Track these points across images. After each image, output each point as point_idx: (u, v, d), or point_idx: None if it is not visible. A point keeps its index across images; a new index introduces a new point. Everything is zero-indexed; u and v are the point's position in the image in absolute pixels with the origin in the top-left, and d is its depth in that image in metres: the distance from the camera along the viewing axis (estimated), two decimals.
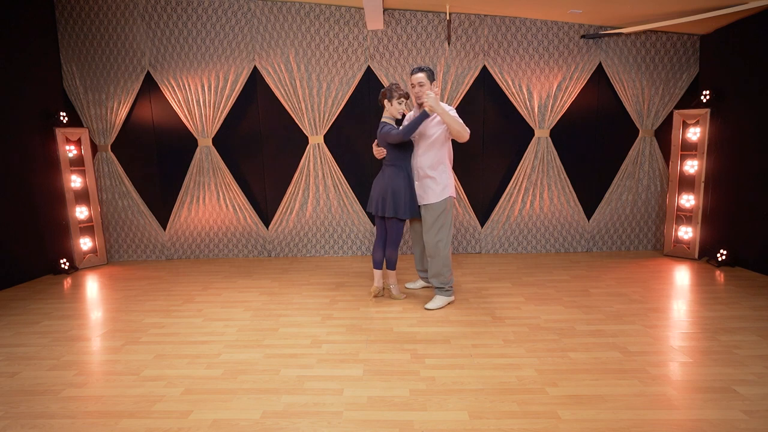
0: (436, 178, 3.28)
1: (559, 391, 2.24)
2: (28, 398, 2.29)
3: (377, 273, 3.63)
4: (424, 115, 3.09)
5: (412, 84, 3.27)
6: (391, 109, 3.33)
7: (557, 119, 4.93)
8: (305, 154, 5.05)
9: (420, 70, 3.22)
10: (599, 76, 4.89)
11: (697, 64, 4.80)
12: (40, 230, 4.55)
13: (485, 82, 4.91)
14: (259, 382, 2.39)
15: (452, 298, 3.47)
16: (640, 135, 4.95)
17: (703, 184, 4.56)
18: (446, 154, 3.31)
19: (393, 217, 3.36)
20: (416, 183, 3.37)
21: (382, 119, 3.38)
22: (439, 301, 3.41)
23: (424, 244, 3.44)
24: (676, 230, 4.80)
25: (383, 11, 4.68)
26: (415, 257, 3.81)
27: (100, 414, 2.13)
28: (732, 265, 4.35)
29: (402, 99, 3.30)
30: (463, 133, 3.10)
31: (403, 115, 3.43)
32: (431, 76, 3.23)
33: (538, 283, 4.02)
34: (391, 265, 3.57)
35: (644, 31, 4.72)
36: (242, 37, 4.87)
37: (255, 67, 4.93)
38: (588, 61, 4.82)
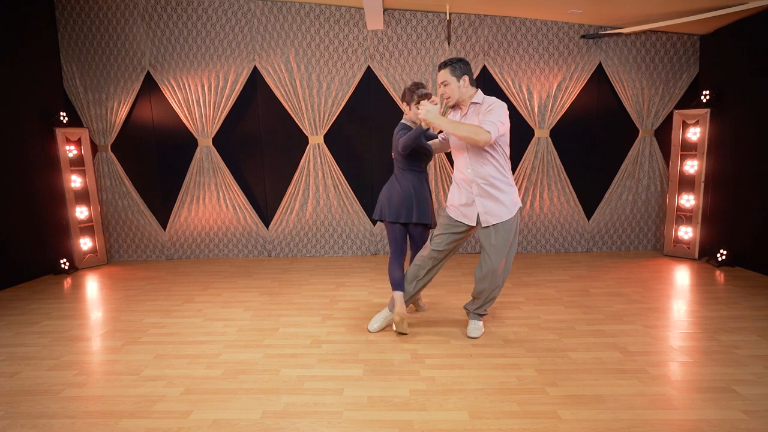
0: (502, 189, 2.65)
1: (559, 391, 2.24)
2: (28, 398, 2.29)
3: (398, 296, 2.92)
4: (419, 130, 2.70)
5: (438, 83, 2.73)
6: (410, 113, 2.91)
7: (557, 119, 4.93)
8: (305, 154, 5.05)
9: (444, 65, 2.63)
10: (599, 76, 4.89)
11: (697, 64, 4.80)
12: (40, 230, 4.55)
13: (485, 82, 4.91)
14: (259, 382, 2.39)
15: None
16: (640, 135, 4.95)
17: (703, 184, 4.56)
18: (503, 159, 2.65)
19: (420, 224, 2.98)
20: (477, 199, 2.66)
21: (402, 121, 2.99)
22: (481, 326, 2.93)
23: (486, 269, 2.74)
24: (676, 230, 4.80)
25: (383, 11, 4.68)
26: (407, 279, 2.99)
27: (100, 414, 2.14)
28: (732, 265, 4.35)
29: (425, 101, 2.75)
30: (476, 138, 2.43)
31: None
32: (460, 70, 2.60)
33: (538, 283, 4.02)
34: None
35: (644, 31, 4.72)
36: (242, 37, 4.87)
37: (255, 67, 4.93)
38: (588, 61, 4.82)
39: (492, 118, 2.48)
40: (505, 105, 2.57)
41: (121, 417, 2.11)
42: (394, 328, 2.96)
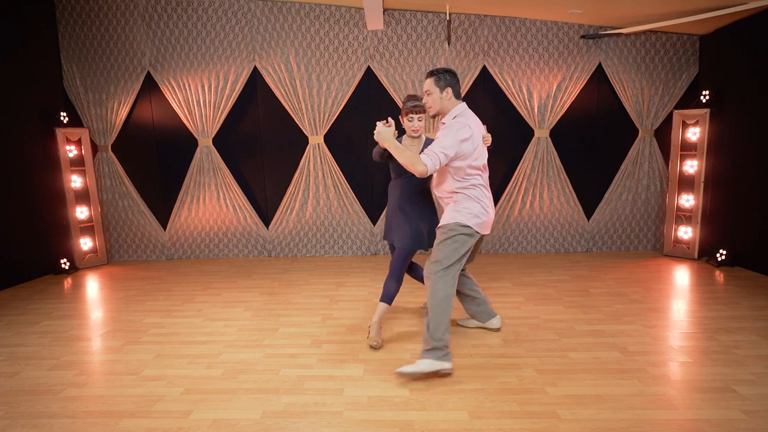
0: (447, 204, 2.65)
1: (559, 391, 2.24)
2: (29, 398, 2.29)
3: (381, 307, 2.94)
4: (378, 148, 2.76)
5: (424, 90, 2.64)
6: (405, 126, 2.82)
7: (557, 119, 4.93)
8: (305, 154, 5.05)
9: (430, 74, 2.57)
10: (599, 76, 4.89)
11: (697, 64, 4.80)
12: (40, 230, 4.55)
13: (485, 82, 4.91)
14: (259, 382, 2.40)
15: (446, 365, 2.39)
16: (639, 135, 4.95)
17: (702, 184, 4.56)
18: (451, 180, 2.56)
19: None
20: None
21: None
22: (421, 364, 2.38)
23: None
24: (675, 230, 4.80)
25: (383, 11, 4.68)
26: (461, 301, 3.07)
27: (100, 414, 2.14)
28: (731, 265, 4.35)
29: (413, 115, 2.75)
30: (412, 169, 2.36)
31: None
32: (444, 82, 2.52)
33: (538, 283, 4.02)
34: (384, 296, 2.87)
35: (644, 31, 4.72)
36: (242, 37, 4.87)
37: (255, 67, 4.93)
38: (588, 61, 4.82)
39: (435, 148, 2.40)
40: (460, 130, 2.43)
41: (121, 417, 2.11)
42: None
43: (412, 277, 3.14)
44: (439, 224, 2.63)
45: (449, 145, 2.40)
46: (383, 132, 2.48)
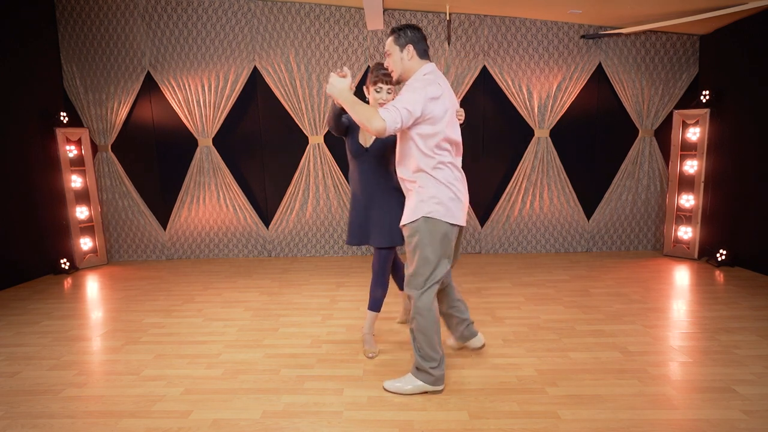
0: (408, 189, 2.22)
1: (559, 391, 2.24)
2: (29, 398, 2.29)
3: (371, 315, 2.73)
4: (334, 108, 2.36)
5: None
6: (370, 98, 2.47)
7: (557, 119, 4.93)
8: (305, 154, 5.05)
9: (390, 32, 2.18)
10: (599, 76, 4.88)
11: (697, 64, 4.80)
12: (40, 230, 4.55)
13: (485, 82, 4.91)
14: (259, 382, 2.40)
15: (436, 389, 2.22)
16: (639, 135, 4.95)
17: (702, 184, 4.56)
18: (413, 156, 2.11)
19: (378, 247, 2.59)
20: None
21: None
22: (407, 381, 2.23)
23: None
24: (675, 230, 4.80)
25: (383, 11, 4.68)
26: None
27: (100, 414, 2.14)
28: (731, 265, 4.35)
29: (382, 85, 2.41)
30: (368, 126, 1.91)
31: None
32: (404, 38, 2.12)
33: (538, 283, 4.02)
34: (371, 304, 2.69)
35: (644, 32, 4.72)
36: (242, 37, 4.87)
37: (255, 67, 4.93)
38: (588, 61, 4.82)
39: (397, 103, 1.96)
40: (429, 86, 2.01)
41: (121, 417, 2.11)
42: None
43: (394, 279, 2.84)
44: (402, 222, 2.19)
45: (414, 101, 1.96)
46: (336, 83, 2.01)
